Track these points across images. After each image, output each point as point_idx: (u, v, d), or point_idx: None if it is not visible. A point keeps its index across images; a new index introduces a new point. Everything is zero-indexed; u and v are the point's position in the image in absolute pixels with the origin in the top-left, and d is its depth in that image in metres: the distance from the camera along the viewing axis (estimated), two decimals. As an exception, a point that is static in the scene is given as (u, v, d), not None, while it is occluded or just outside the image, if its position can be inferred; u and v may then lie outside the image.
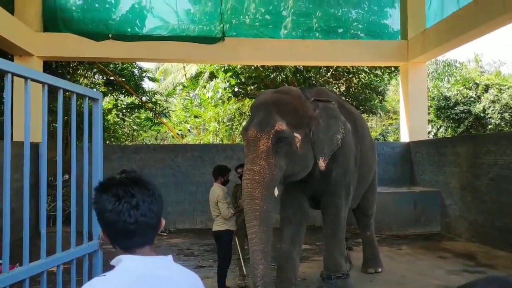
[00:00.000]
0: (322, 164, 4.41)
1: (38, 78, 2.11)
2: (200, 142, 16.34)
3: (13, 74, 1.96)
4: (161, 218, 1.30)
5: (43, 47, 9.32)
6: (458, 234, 8.21)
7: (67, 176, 8.36)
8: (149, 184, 1.28)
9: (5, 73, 1.93)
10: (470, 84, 14.57)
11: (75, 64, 12.27)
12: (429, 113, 13.45)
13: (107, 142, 13.78)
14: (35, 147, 7.15)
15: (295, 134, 4.28)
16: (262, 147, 4.13)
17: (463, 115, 13.93)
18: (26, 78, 2.05)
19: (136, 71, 13.79)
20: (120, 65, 13.01)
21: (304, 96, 4.62)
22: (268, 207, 4.15)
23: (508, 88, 14.09)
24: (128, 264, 1.22)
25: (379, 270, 5.89)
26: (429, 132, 14.02)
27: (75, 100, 2.48)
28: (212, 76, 14.65)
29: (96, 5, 10.18)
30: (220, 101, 14.60)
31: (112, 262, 1.25)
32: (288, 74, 12.73)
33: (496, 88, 14.13)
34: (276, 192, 4.24)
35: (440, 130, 15.12)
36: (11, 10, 8.78)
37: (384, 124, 19.65)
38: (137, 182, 1.26)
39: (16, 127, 5.99)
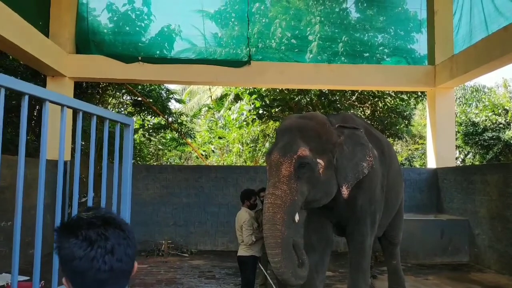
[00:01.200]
0: (345, 191, 4.35)
1: (74, 105, 2.18)
2: (223, 163, 16.43)
3: (50, 102, 2.04)
4: (135, 262, 1.15)
5: (74, 68, 9.62)
6: (488, 265, 7.93)
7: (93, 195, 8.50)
8: (123, 224, 1.13)
9: (43, 100, 2.00)
10: (499, 110, 14.28)
11: (104, 84, 12.60)
12: (456, 139, 13.21)
13: (133, 161, 14.01)
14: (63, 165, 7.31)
15: (318, 160, 4.25)
16: (284, 172, 4.12)
17: (492, 141, 13.62)
18: (62, 106, 2.13)
19: (163, 92, 14.08)
20: (148, 86, 13.31)
21: (328, 123, 4.60)
22: (289, 232, 4.11)
23: (539, 115, 13.75)
24: None
25: (405, 300, 5.73)
26: (456, 158, 13.74)
27: (107, 126, 2.54)
28: (237, 98, 14.80)
29: (127, 28, 10.49)
30: (245, 123, 14.71)
31: None
32: (313, 97, 12.75)
33: (527, 114, 13.81)
34: (297, 217, 4.20)
35: (468, 156, 14.80)
36: (46, 32, 9.13)
37: (410, 149, 19.37)
38: (110, 222, 1.10)
39: (49, 148, 6.16)
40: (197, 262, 8.37)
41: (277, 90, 13.05)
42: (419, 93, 12.94)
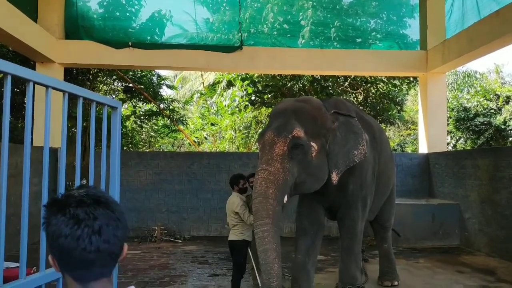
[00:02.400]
0: (334, 178, 4.35)
1: (59, 86, 2.14)
2: (216, 150, 16.40)
3: (35, 83, 2.00)
4: (124, 245, 1.12)
5: (64, 54, 9.50)
6: (478, 248, 8.03)
7: (84, 181, 8.46)
8: (114, 205, 1.10)
9: (27, 81, 1.96)
10: (491, 96, 14.32)
11: (95, 71, 12.47)
12: (448, 124, 13.26)
13: (125, 148, 13.93)
14: (54, 152, 7.25)
15: (312, 143, 4.24)
16: (278, 151, 4.10)
17: (483, 126, 13.68)
18: (47, 87, 2.09)
19: (154, 78, 13.95)
20: (139, 72, 13.18)
21: (324, 107, 4.59)
22: (280, 209, 4.10)
23: (530, 100, 13.82)
24: None
25: (396, 283, 5.79)
26: (448, 143, 13.81)
27: (94, 108, 2.51)
28: (230, 84, 14.73)
29: (117, 14, 10.34)
30: (237, 109, 14.65)
31: None
32: (305, 83, 12.71)
33: (518, 100, 13.88)
34: (285, 199, 4.18)
35: (459, 142, 14.88)
36: (34, 18, 8.98)
37: (402, 135, 19.44)
38: (100, 202, 1.07)
39: (36, 133, 6.11)
40: (190, 247, 8.40)
41: (270, 76, 12.98)
42: (412, 79, 12.94)
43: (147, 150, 15.97)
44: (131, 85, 13.10)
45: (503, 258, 7.27)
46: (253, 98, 13.45)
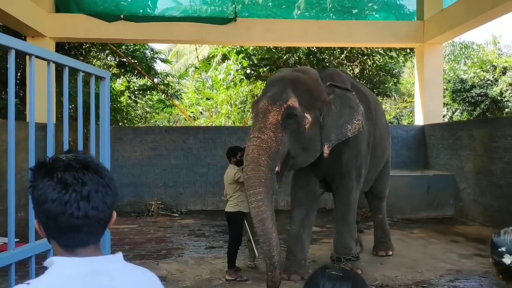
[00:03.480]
0: (326, 150, 4.33)
1: (42, 55, 2.07)
2: (212, 125, 16.34)
3: (16, 51, 1.93)
4: (113, 212, 1.09)
5: (55, 28, 9.31)
6: (472, 218, 8.10)
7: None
8: (103, 171, 1.06)
9: (8, 49, 1.90)
10: (488, 67, 14.22)
11: (87, 45, 12.27)
12: (444, 96, 13.20)
13: (120, 124, 13.86)
14: (45, 128, 7.18)
15: (306, 115, 4.21)
16: (272, 119, 4.06)
17: (479, 98, 13.64)
18: (30, 55, 2.02)
19: (148, 52, 13.75)
20: (132, 46, 12.99)
21: (320, 79, 4.54)
22: (272, 176, 4.09)
23: (527, 71, 13.73)
24: (61, 269, 0.99)
25: (390, 253, 5.85)
26: (444, 115, 13.77)
27: (81, 79, 2.45)
28: (225, 58, 14.52)
29: (108, -14, 10.10)
30: (232, 83, 14.51)
31: (46, 263, 1.03)
32: (301, 56, 12.55)
33: (515, 71, 13.79)
34: (277, 168, 4.17)
35: (455, 113, 14.85)
36: (23, -10, 8.76)
37: (398, 107, 19.38)
38: (89, 167, 1.03)
39: (38, 109, 6.03)
40: (187, 221, 8.45)
41: (265, 49, 12.81)
42: (408, 50, 12.79)
43: (142, 125, 15.90)
44: (124, 59, 12.93)
45: (497, 227, 7.25)
46: (248, 71, 13.29)
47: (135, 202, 9.36)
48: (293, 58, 12.50)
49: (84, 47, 12.25)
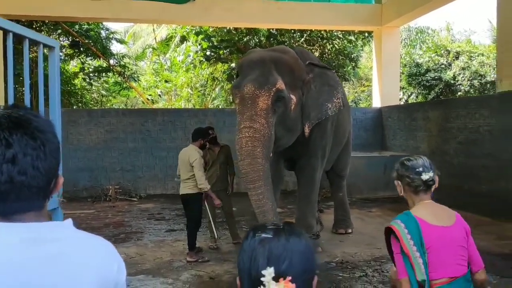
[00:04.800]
0: (306, 130, 4.34)
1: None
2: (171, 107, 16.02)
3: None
4: (55, 178, 0.96)
5: (2, 4, 8.74)
6: (426, 197, 8.37)
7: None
8: (39, 131, 0.92)
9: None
10: (442, 51, 14.66)
11: (38, 24, 11.64)
12: (401, 80, 13.51)
13: (75, 107, 13.33)
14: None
15: (291, 96, 4.18)
16: (262, 105, 3.95)
17: (434, 81, 14.06)
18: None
19: (103, 32, 13.20)
20: (85, 25, 12.42)
21: (299, 58, 4.50)
22: (268, 166, 4.07)
23: (478, 56, 14.25)
24: None
25: (350, 231, 5.96)
26: (400, 99, 14.11)
27: (27, 47, 2.27)
28: (183, 39, 14.19)
29: (58, -40, 9.56)
30: (192, 65, 14.23)
31: None
32: (262, 38, 12.46)
33: (467, 56, 14.28)
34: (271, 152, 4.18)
35: (411, 97, 15.27)
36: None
37: (356, 91, 19.71)
38: (21, 126, 0.90)
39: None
40: (146, 205, 8.28)
41: (225, 31, 12.61)
42: (366, 35, 12.97)
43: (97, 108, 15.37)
44: (78, 39, 12.36)
45: (450, 205, 7.54)
46: (208, 53, 13.06)
47: (92, 187, 9.08)
48: (253, 40, 12.38)
49: (34, 26, 11.62)
